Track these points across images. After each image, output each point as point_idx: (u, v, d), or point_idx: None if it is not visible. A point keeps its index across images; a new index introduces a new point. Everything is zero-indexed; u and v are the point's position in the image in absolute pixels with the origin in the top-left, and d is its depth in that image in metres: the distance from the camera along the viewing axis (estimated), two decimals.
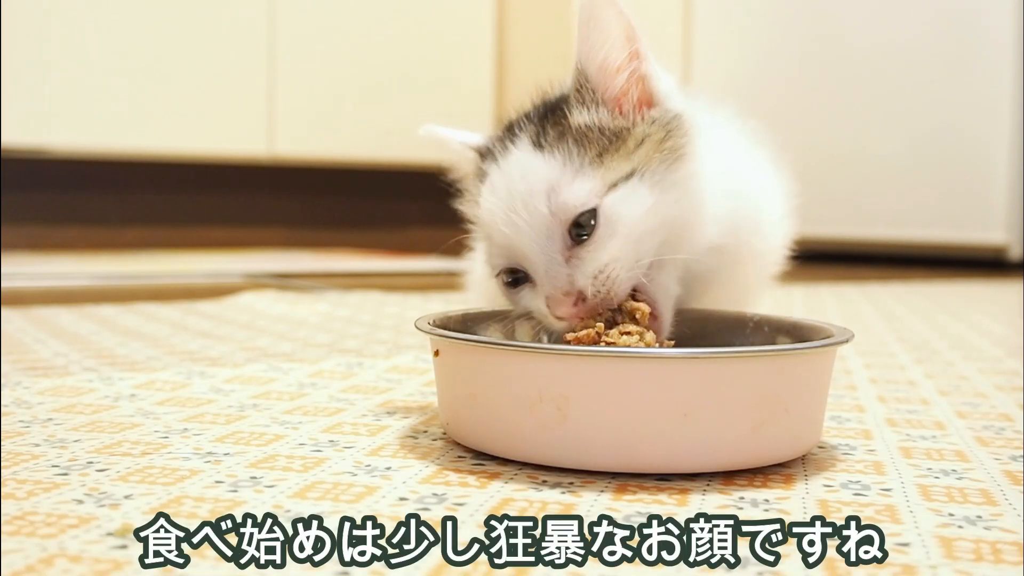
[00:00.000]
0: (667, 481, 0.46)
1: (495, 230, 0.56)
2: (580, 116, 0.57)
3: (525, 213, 0.55)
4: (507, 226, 0.55)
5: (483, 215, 0.57)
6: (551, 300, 0.55)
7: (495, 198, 0.56)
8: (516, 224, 0.55)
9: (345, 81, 2.59)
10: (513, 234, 0.55)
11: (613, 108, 0.58)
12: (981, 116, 2.12)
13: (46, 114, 2.28)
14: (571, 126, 0.57)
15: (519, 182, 0.55)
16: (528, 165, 0.56)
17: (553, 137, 0.56)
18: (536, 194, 0.55)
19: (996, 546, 0.38)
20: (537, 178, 0.55)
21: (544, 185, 0.55)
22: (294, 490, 0.44)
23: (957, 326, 1.10)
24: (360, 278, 1.70)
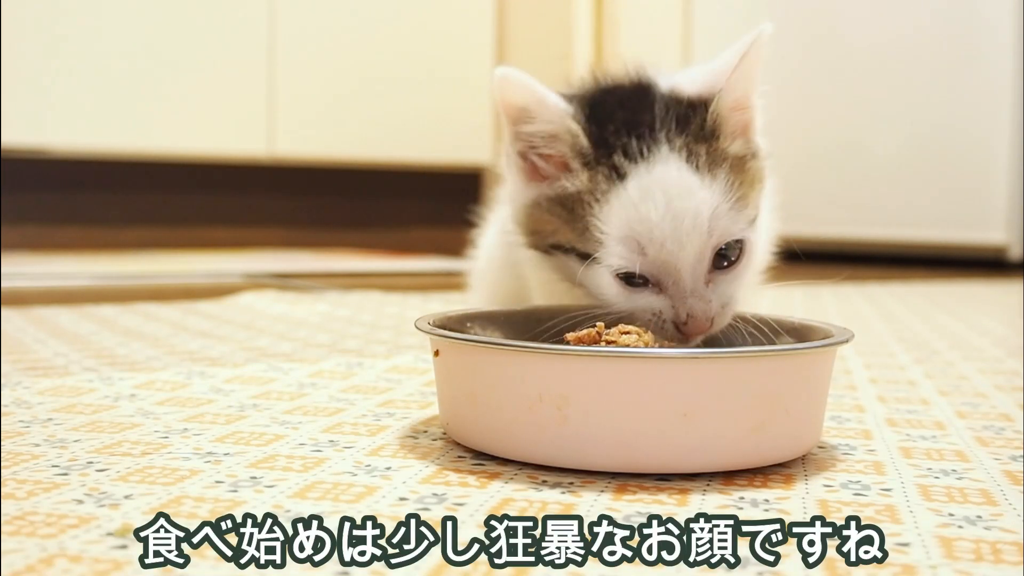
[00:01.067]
0: (667, 481, 0.46)
1: (646, 238, 0.56)
2: (731, 146, 0.59)
3: (690, 232, 0.56)
4: (668, 240, 0.56)
5: (631, 223, 0.56)
6: (693, 320, 0.57)
7: (654, 209, 0.56)
8: (679, 240, 0.56)
9: (345, 81, 2.59)
10: (673, 248, 0.56)
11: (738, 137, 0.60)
12: (981, 116, 2.12)
13: (46, 114, 2.28)
14: (724, 154, 0.58)
15: (684, 200, 0.56)
16: (690, 185, 0.56)
17: (707, 161, 0.57)
18: (702, 217, 0.56)
19: (996, 546, 0.38)
20: (703, 202, 0.56)
21: (709, 210, 0.56)
22: (294, 490, 0.44)
23: (957, 326, 1.10)
24: (360, 278, 1.70)
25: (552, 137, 0.59)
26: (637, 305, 0.58)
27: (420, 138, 2.68)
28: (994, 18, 2.10)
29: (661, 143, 0.57)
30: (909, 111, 2.23)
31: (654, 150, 0.57)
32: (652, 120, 0.59)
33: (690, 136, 0.58)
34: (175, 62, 2.39)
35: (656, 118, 0.59)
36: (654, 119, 0.59)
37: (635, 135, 0.58)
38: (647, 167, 0.57)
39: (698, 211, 0.56)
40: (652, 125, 0.58)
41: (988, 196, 2.12)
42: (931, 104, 2.19)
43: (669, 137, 0.58)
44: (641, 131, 0.58)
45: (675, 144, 0.58)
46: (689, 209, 0.56)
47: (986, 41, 2.12)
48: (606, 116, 0.59)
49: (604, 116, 0.59)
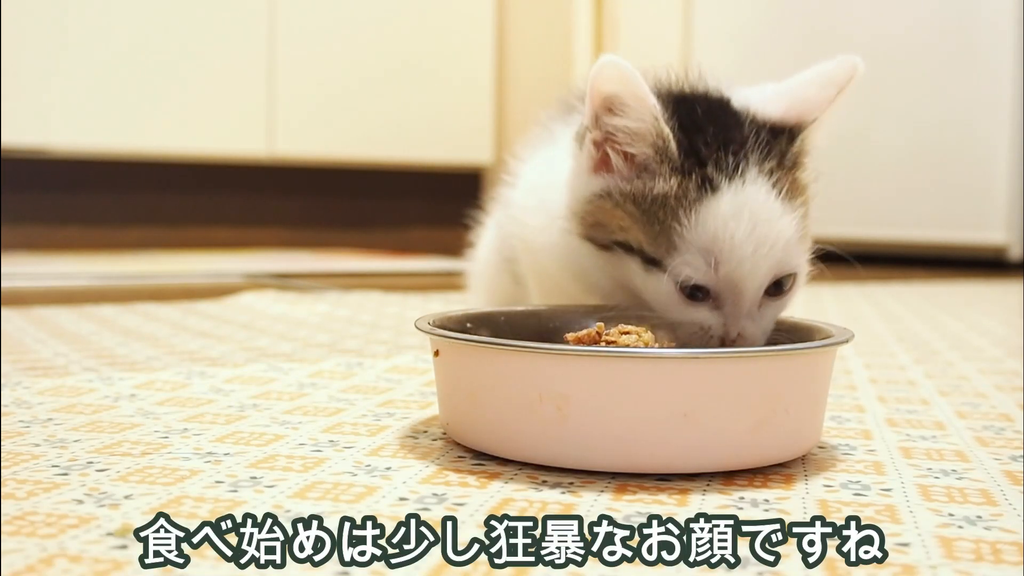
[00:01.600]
0: (667, 481, 0.46)
1: (725, 256, 0.56)
2: (806, 175, 0.60)
3: (767, 257, 0.56)
4: (747, 260, 0.56)
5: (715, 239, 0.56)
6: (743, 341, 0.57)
7: (742, 227, 0.56)
8: (756, 262, 0.56)
9: (345, 81, 2.59)
10: (747, 269, 0.56)
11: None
12: (981, 116, 2.12)
13: (46, 114, 2.28)
14: (800, 184, 0.59)
15: (769, 225, 0.57)
16: (776, 212, 0.57)
17: (790, 189, 0.58)
18: (780, 245, 0.57)
19: (996, 546, 0.38)
20: (784, 229, 0.57)
21: (785, 241, 0.57)
22: (294, 490, 0.44)
23: (957, 326, 1.10)
24: (360, 278, 1.70)
25: (638, 136, 0.58)
26: (691, 317, 0.58)
27: (420, 138, 2.68)
28: (994, 18, 2.10)
29: (752, 164, 0.58)
30: (909, 111, 2.23)
31: (745, 170, 0.57)
32: (744, 139, 0.58)
33: (776, 162, 0.59)
34: (175, 62, 2.39)
35: (747, 138, 0.59)
36: (745, 139, 0.58)
37: (728, 151, 0.58)
38: (739, 185, 0.57)
39: (778, 238, 0.57)
40: (744, 144, 0.58)
41: (988, 196, 2.12)
42: (931, 104, 2.19)
43: (759, 159, 0.58)
44: (734, 148, 0.58)
45: (764, 168, 0.58)
46: (771, 235, 0.56)
47: (986, 41, 2.12)
48: (694, 126, 0.59)
49: (692, 126, 0.59)
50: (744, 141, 0.58)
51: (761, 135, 0.59)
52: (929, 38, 2.19)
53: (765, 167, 0.58)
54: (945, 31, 2.17)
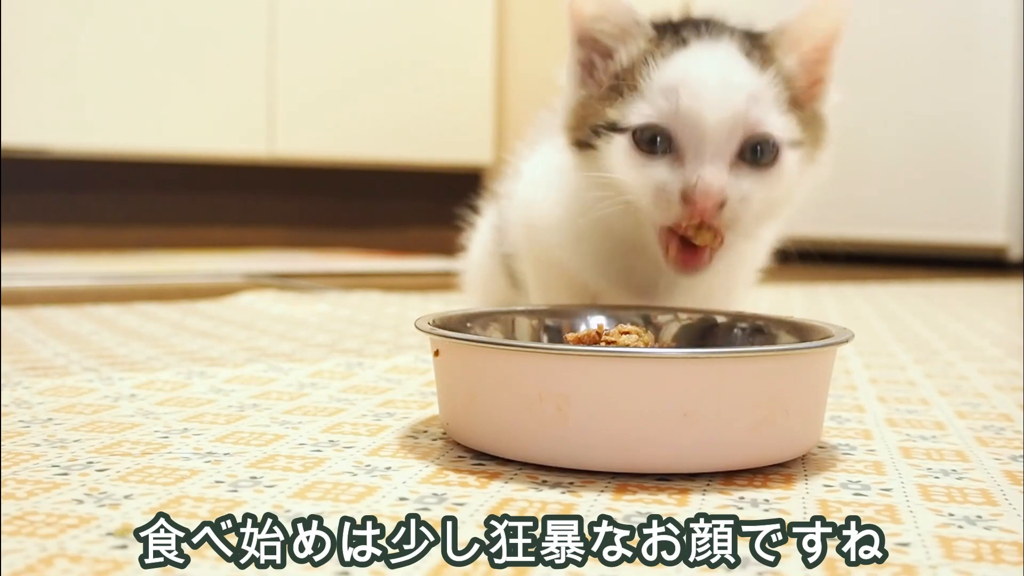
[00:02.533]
0: (667, 481, 0.46)
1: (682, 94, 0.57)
2: (787, 59, 0.61)
3: (723, 101, 0.57)
4: (707, 93, 0.57)
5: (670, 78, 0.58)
6: (699, 189, 0.56)
7: (705, 67, 0.58)
8: (717, 98, 0.57)
9: (345, 81, 2.59)
10: (708, 104, 0.57)
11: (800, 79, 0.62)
12: (981, 116, 2.12)
13: (46, 114, 2.28)
14: (780, 61, 0.61)
15: (726, 71, 0.58)
16: (739, 64, 0.59)
17: (761, 59, 0.60)
18: (741, 89, 0.57)
19: (996, 546, 0.38)
20: (746, 79, 0.58)
21: (750, 88, 0.58)
22: (294, 490, 0.44)
23: (957, 326, 1.10)
24: (360, 278, 1.70)
25: (616, 32, 0.62)
26: (649, 177, 0.58)
27: (420, 138, 2.68)
28: (994, 18, 2.10)
29: (724, 35, 0.61)
30: (909, 110, 2.23)
31: (718, 37, 0.61)
32: (727, 25, 0.62)
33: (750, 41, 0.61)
34: (175, 62, 2.39)
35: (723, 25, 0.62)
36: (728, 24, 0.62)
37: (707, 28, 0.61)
38: (710, 42, 0.60)
39: (742, 83, 0.57)
40: (724, 26, 0.62)
41: (988, 196, 2.12)
42: (931, 104, 2.19)
43: (732, 35, 0.61)
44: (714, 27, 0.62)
45: (735, 39, 0.61)
46: (735, 79, 0.57)
47: (986, 41, 2.12)
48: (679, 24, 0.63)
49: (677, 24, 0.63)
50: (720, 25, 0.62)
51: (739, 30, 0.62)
52: (929, 37, 2.19)
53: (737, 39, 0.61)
54: (945, 31, 2.17)
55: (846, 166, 2.62)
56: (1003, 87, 2.08)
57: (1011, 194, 2.09)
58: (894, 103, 2.25)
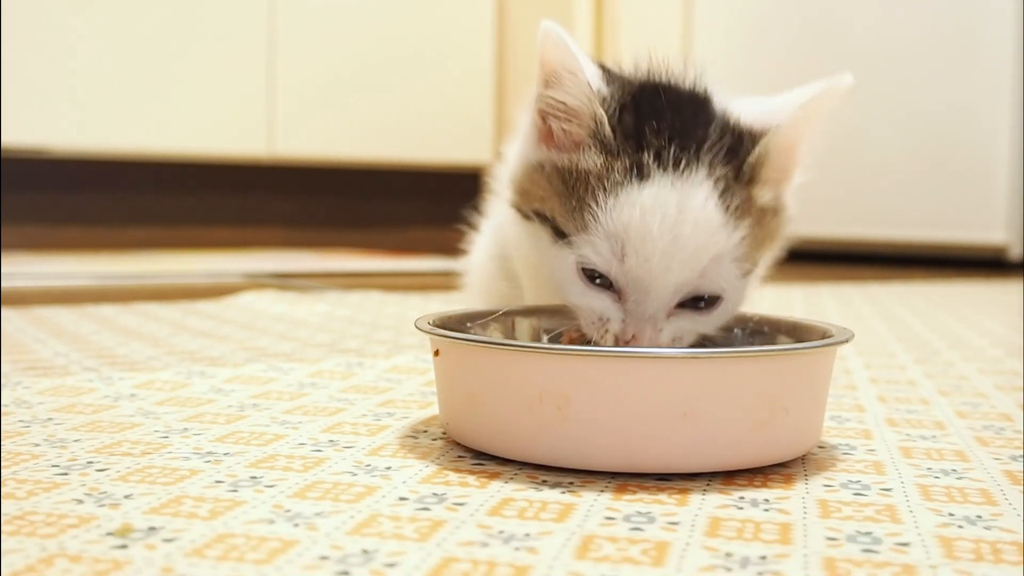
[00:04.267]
0: (667, 481, 0.46)
1: (633, 249, 0.52)
2: (763, 196, 0.55)
3: (683, 265, 0.52)
4: (657, 259, 0.52)
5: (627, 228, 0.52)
6: (636, 344, 0.53)
7: (660, 223, 0.51)
8: (667, 265, 0.52)
9: (345, 81, 2.59)
10: (656, 270, 0.52)
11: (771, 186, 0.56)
12: (981, 115, 2.12)
13: (46, 114, 2.28)
14: (754, 204, 0.54)
15: (694, 232, 0.51)
16: (710, 222, 0.52)
17: (738, 207, 0.53)
18: (701, 259, 0.52)
19: (996, 546, 0.38)
20: (712, 246, 0.52)
21: (712, 255, 0.52)
22: (294, 490, 0.44)
23: (957, 326, 1.10)
24: (360, 278, 1.70)
25: (573, 112, 0.55)
26: (590, 304, 0.55)
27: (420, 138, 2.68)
28: (994, 18, 2.10)
29: (703, 166, 0.53)
30: (909, 111, 2.23)
31: (691, 169, 0.52)
32: (704, 138, 0.54)
33: (733, 172, 0.54)
34: (175, 62, 2.39)
35: (708, 138, 0.54)
36: (706, 138, 0.54)
37: (679, 145, 0.53)
38: (674, 179, 0.52)
39: (703, 250, 0.52)
40: (702, 143, 0.53)
41: (988, 196, 2.12)
42: (931, 104, 2.19)
43: (713, 163, 0.53)
44: (687, 144, 0.53)
45: (715, 174, 0.53)
46: (693, 242, 0.52)
47: (986, 41, 2.12)
48: (654, 112, 0.55)
49: (651, 112, 0.55)
50: (703, 141, 0.54)
51: (725, 140, 0.54)
52: (929, 37, 2.19)
53: (718, 174, 0.53)
54: (945, 30, 2.17)
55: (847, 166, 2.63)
56: (1003, 86, 2.08)
57: (1011, 194, 2.09)
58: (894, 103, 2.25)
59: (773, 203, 0.56)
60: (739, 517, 0.41)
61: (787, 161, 0.56)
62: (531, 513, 0.41)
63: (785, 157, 0.56)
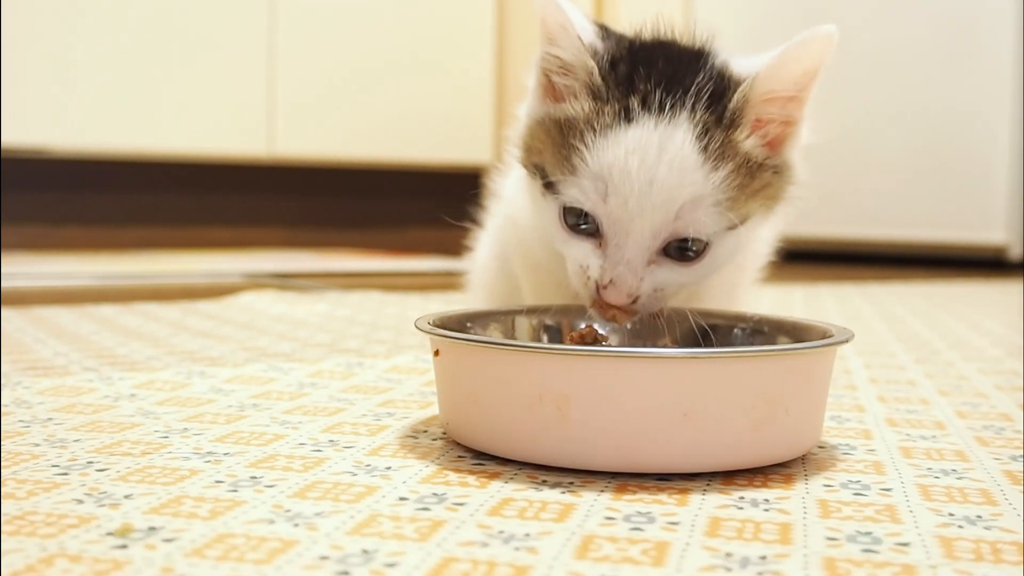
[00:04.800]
0: (667, 481, 0.46)
1: (614, 188, 0.53)
2: (746, 140, 0.55)
3: (657, 205, 0.53)
4: (633, 199, 0.53)
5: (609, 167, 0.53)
6: (613, 286, 0.54)
7: (638, 164, 0.53)
8: (642, 206, 0.53)
9: (345, 81, 2.59)
10: (633, 209, 0.53)
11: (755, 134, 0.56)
12: (981, 116, 2.12)
13: (46, 114, 2.28)
14: (736, 146, 0.55)
15: (671, 172, 0.53)
16: (687, 162, 0.53)
17: (718, 148, 0.54)
18: (678, 198, 0.53)
19: (996, 546, 0.38)
20: (689, 185, 0.53)
21: (690, 196, 0.53)
22: (294, 490, 0.44)
23: (957, 326, 1.10)
24: (360, 278, 1.70)
25: (569, 66, 0.57)
26: (573, 252, 0.56)
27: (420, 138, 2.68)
28: (994, 18, 2.10)
29: (685, 109, 0.54)
30: (909, 111, 2.23)
31: (674, 112, 0.54)
32: (690, 84, 0.55)
33: (714, 116, 0.55)
34: (175, 62, 2.39)
35: (694, 84, 0.55)
36: (692, 84, 0.55)
37: (665, 90, 0.54)
38: (657, 122, 0.54)
39: (678, 190, 0.53)
40: (688, 89, 0.55)
41: (988, 196, 2.12)
42: (931, 104, 2.19)
43: (695, 108, 0.54)
44: (674, 89, 0.55)
45: (697, 117, 0.54)
46: (670, 183, 0.53)
47: (986, 41, 2.12)
48: (647, 63, 0.56)
49: (645, 62, 0.56)
50: (689, 87, 0.55)
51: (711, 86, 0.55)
52: (929, 37, 2.19)
53: (699, 118, 0.54)
54: (945, 30, 2.17)
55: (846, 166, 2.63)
56: (1003, 86, 2.08)
57: (1011, 194, 2.09)
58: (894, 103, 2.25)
59: (771, 159, 0.57)
60: (739, 517, 0.41)
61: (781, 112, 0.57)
62: (531, 513, 0.41)
63: (777, 107, 0.56)
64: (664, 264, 0.55)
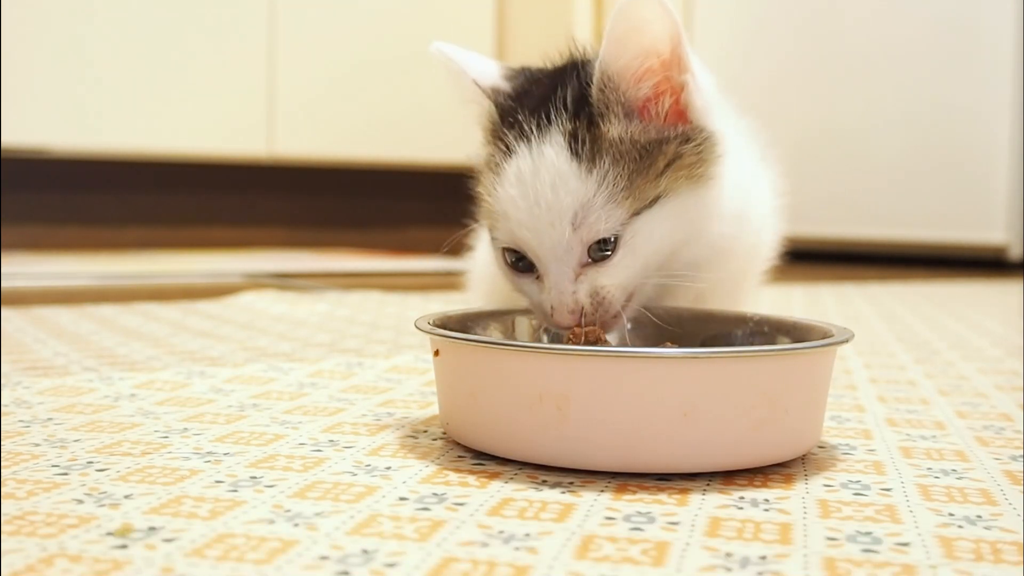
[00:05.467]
0: (667, 481, 0.46)
1: (514, 222, 0.55)
2: (615, 128, 0.55)
3: (551, 224, 0.54)
4: (529, 228, 0.54)
5: (504, 203, 0.55)
6: (556, 312, 0.56)
7: (521, 193, 0.54)
8: (539, 230, 0.54)
9: (345, 81, 2.59)
10: (533, 237, 0.55)
11: (642, 116, 0.56)
12: (981, 116, 2.12)
13: (46, 114, 2.28)
14: (606, 139, 0.54)
15: (550, 190, 0.54)
16: (562, 174, 0.54)
17: (589, 148, 0.54)
18: (566, 211, 0.54)
19: (996, 546, 0.38)
20: (570, 195, 0.54)
21: (576, 204, 0.54)
22: (294, 490, 0.44)
23: (957, 326, 1.10)
24: (360, 278, 1.70)
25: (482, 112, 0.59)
26: (523, 290, 0.58)
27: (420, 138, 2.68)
28: (994, 18, 2.10)
29: (552, 125, 0.55)
30: (909, 111, 2.23)
31: (542, 132, 0.55)
32: (554, 100, 0.56)
33: (584, 120, 0.55)
34: (175, 62, 2.39)
35: (557, 99, 0.56)
36: (555, 100, 0.56)
37: (533, 114, 0.56)
38: (531, 147, 0.55)
39: (562, 203, 0.54)
40: (551, 105, 0.56)
41: (988, 196, 2.12)
42: (931, 104, 2.19)
43: (560, 120, 0.55)
44: (541, 110, 0.56)
45: (563, 128, 0.55)
46: (552, 200, 0.54)
47: (986, 41, 2.12)
48: (525, 93, 0.58)
49: (523, 93, 0.58)
50: (555, 101, 0.56)
51: (577, 92, 0.56)
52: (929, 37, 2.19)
53: (566, 126, 0.55)
54: (945, 30, 2.17)
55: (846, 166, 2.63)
56: (1003, 86, 2.08)
57: (1011, 194, 2.09)
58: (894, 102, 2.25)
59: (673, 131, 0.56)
60: (739, 517, 0.41)
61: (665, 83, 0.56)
62: (531, 513, 0.41)
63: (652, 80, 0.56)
64: (591, 269, 0.56)
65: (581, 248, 0.55)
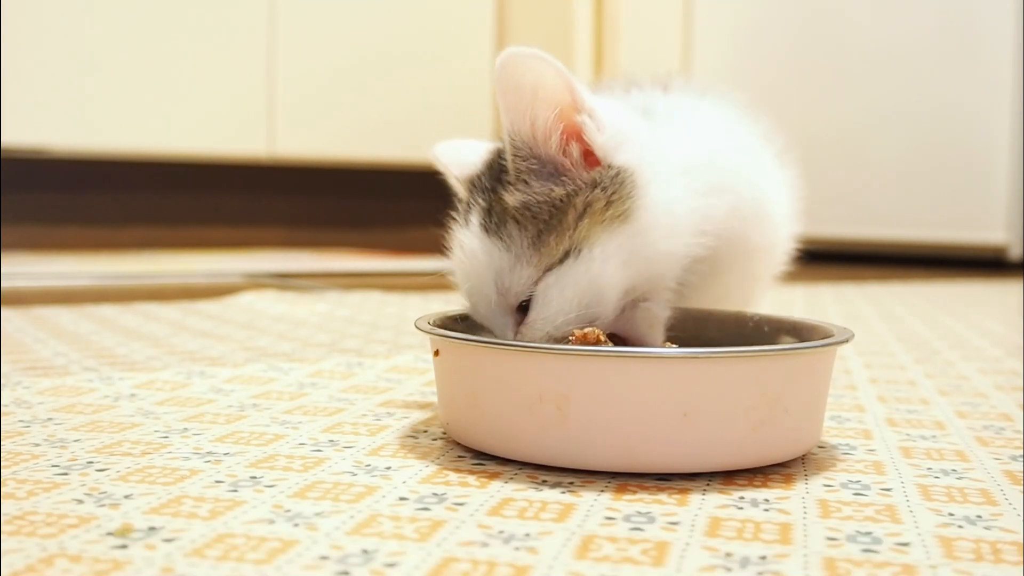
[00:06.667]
0: (667, 481, 0.46)
1: (463, 293, 0.59)
2: (514, 196, 0.55)
3: (479, 295, 0.57)
4: (469, 299, 0.58)
5: (455, 278, 0.59)
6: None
7: (460, 270, 0.58)
8: (474, 302, 0.58)
9: (345, 81, 2.59)
10: (472, 308, 0.58)
11: (564, 170, 0.55)
12: (981, 116, 2.12)
13: (46, 114, 2.28)
14: (509, 208, 0.55)
15: (472, 264, 0.57)
16: (477, 250, 0.57)
17: (496, 220, 0.56)
18: (486, 281, 0.56)
19: (996, 546, 0.38)
20: (484, 266, 0.56)
21: (491, 273, 0.56)
22: (294, 490, 0.44)
23: (957, 326, 1.10)
24: (360, 278, 1.70)
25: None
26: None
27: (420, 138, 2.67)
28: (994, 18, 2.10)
29: (476, 203, 0.58)
30: (909, 111, 2.23)
31: (471, 210, 0.58)
32: (480, 176, 0.59)
33: (497, 191, 0.56)
34: (175, 62, 2.39)
35: (482, 175, 0.59)
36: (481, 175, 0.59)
37: (469, 193, 0.59)
38: (460, 228, 0.58)
39: (481, 277, 0.56)
40: (475, 184, 0.59)
41: (988, 196, 2.12)
42: (931, 104, 2.19)
43: (478, 197, 0.58)
44: (471, 189, 0.59)
45: (479, 204, 0.57)
46: (474, 272, 0.57)
47: (986, 41, 2.12)
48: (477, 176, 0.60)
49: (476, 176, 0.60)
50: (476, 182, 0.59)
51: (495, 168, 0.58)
52: (930, 38, 2.19)
53: (481, 203, 0.57)
54: (945, 30, 2.17)
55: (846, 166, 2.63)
56: (1003, 86, 2.08)
57: (1011, 194, 2.09)
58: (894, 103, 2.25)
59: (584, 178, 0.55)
60: (739, 517, 0.41)
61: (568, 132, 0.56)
62: (531, 513, 0.41)
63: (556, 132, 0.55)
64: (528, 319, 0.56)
65: (512, 308, 0.56)
